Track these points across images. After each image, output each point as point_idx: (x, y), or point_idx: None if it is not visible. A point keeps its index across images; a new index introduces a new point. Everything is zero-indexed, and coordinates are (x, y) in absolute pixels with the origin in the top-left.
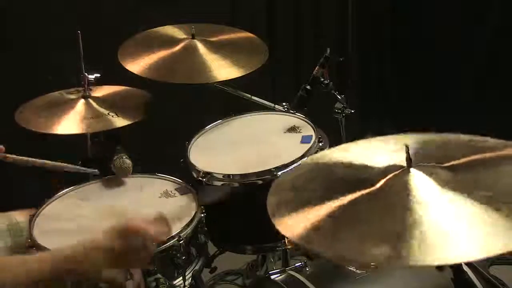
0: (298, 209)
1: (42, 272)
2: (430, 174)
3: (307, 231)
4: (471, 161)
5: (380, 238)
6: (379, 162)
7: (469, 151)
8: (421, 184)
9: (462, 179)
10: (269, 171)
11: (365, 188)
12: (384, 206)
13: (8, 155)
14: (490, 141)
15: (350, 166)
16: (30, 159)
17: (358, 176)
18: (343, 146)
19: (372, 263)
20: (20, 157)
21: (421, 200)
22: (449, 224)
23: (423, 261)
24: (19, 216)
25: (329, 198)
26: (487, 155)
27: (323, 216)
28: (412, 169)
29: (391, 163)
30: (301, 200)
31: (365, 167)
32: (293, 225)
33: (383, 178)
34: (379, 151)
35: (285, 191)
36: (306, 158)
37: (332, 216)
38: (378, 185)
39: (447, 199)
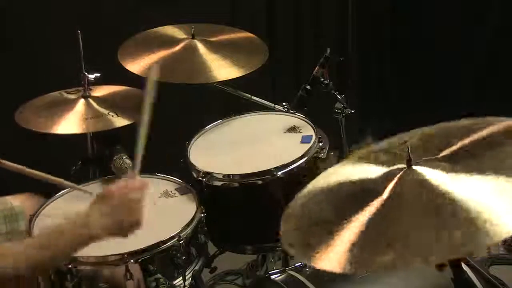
0: (320, 242)
1: (43, 255)
2: (433, 166)
3: (339, 260)
4: (470, 146)
5: (423, 241)
6: (375, 171)
7: (466, 134)
8: (432, 176)
9: (462, 168)
10: (269, 171)
11: (373, 200)
12: (403, 210)
13: (3, 161)
14: (488, 119)
15: (351, 183)
16: (26, 169)
17: (362, 189)
18: (333, 169)
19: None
20: (16, 165)
21: (448, 189)
22: (489, 201)
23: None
24: (14, 200)
25: (344, 221)
26: (486, 133)
27: (349, 242)
28: (414, 167)
29: (387, 169)
30: (317, 230)
31: (365, 180)
32: (323, 258)
33: (388, 184)
34: (371, 161)
35: (296, 221)
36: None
37: (360, 238)
38: (386, 193)
39: (466, 181)
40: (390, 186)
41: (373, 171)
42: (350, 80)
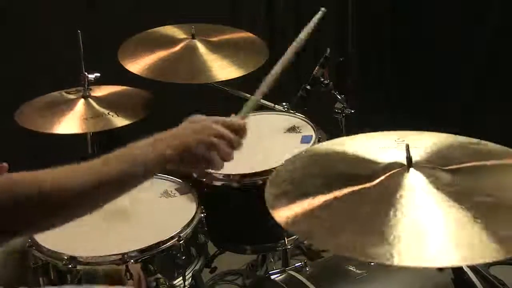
0: (296, 200)
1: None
2: (428, 176)
3: (304, 223)
4: (474, 166)
5: (369, 234)
6: (384, 158)
7: (474, 157)
8: (416, 185)
9: (462, 183)
10: (269, 171)
11: (363, 183)
12: (376, 203)
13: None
14: (497, 148)
15: (352, 159)
16: None
17: (358, 170)
18: (346, 138)
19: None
20: None
21: (411, 201)
22: (428, 228)
23: (397, 262)
24: None
25: (327, 190)
26: (492, 162)
27: (320, 208)
28: (411, 169)
29: (395, 160)
30: (300, 192)
31: (368, 161)
32: (291, 216)
33: (383, 175)
34: (385, 146)
35: (284, 183)
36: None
37: (328, 208)
38: (375, 182)
39: (439, 201)
40: (381, 178)
41: (380, 156)
42: (350, 80)
